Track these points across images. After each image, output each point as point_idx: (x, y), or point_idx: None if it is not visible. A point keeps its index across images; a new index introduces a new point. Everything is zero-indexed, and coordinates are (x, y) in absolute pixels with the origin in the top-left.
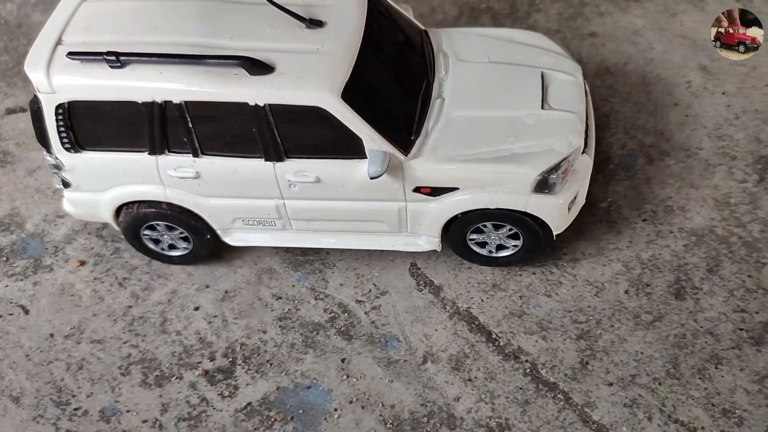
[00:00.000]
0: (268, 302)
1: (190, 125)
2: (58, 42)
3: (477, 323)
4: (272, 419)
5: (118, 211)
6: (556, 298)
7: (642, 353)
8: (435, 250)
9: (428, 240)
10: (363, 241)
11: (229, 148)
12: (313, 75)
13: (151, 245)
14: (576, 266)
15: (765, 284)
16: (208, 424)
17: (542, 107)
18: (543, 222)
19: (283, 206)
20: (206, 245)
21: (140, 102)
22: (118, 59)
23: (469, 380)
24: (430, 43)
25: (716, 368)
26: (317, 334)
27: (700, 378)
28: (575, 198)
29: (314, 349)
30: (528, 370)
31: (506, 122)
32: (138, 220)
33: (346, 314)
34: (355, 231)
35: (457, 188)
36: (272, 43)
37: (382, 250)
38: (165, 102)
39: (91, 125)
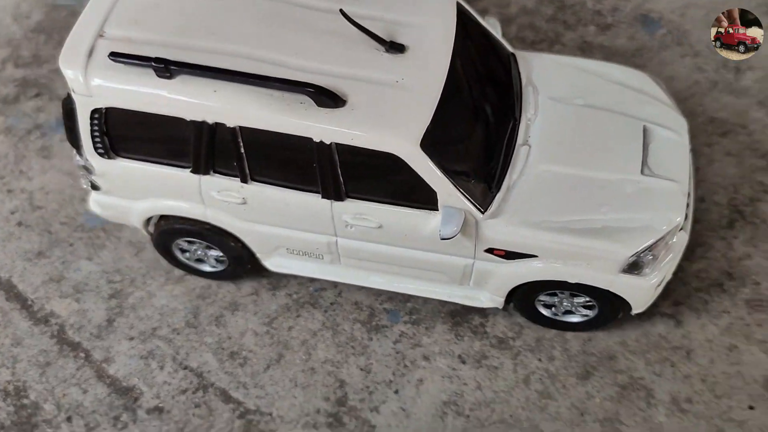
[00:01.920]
0: None
1: (242, 151)
2: (100, 34)
3: (15, 291)
4: None
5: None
6: (97, 261)
7: (167, 306)
8: None
9: (491, 298)
10: (417, 287)
11: (283, 178)
12: (390, 116)
13: (180, 257)
14: (122, 228)
15: None
16: None
17: (642, 171)
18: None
19: (335, 243)
20: (243, 267)
21: (188, 120)
22: (167, 68)
23: None
24: (518, 71)
25: (232, 314)
26: None
27: (215, 325)
28: (664, 278)
29: None
30: (55, 333)
31: (600, 186)
32: (171, 235)
33: None
34: (410, 276)
35: (536, 256)
36: (345, 68)
37: None
38: (216, 123)
39: (129, 133)
